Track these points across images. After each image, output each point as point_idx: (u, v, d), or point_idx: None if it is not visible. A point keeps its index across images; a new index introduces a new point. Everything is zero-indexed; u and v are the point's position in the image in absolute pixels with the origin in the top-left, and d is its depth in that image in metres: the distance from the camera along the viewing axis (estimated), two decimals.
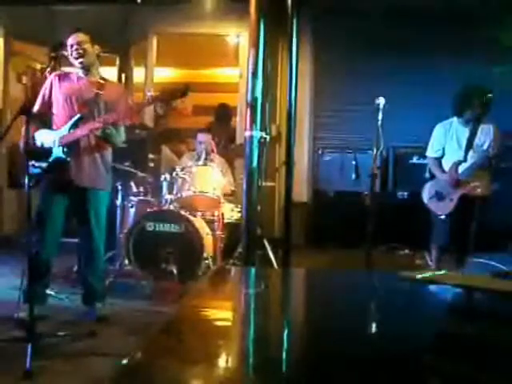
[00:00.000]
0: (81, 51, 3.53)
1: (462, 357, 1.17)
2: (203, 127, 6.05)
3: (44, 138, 3.49)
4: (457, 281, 1.75)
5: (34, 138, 3.45)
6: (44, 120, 3.57)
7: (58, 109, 3.58)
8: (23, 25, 6.30)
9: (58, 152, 3.45)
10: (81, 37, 3.56)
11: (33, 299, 2.84)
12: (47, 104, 3.60)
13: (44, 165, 3.44)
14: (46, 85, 3.62)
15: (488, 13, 5.87)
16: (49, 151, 3.46)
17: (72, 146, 3.45)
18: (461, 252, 4.25)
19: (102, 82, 3.66)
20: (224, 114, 6.71)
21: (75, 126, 3.45)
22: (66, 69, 3.76)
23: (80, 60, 3.55)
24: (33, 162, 3.38)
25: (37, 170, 3.42)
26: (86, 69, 3.62)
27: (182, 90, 3.41)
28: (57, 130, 3.52)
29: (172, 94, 3.43)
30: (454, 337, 1.31)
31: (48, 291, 3.63)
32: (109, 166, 3.68)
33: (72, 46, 3.54)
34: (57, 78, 3.60)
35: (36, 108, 3.56)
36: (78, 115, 3.47)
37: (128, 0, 6.31)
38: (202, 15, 6.26)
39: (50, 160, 3.45)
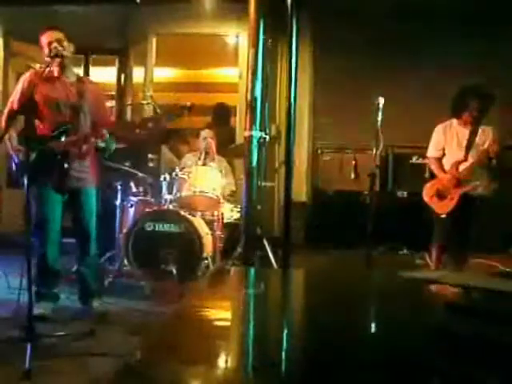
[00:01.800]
0: (61, 49, 3.38)
1: (462, 356, 1.17)
2: (202, 127, 6.04)
3: (34, 147, 3.33)
4: (457, 281, 1.75)
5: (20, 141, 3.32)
6: (30, 122, 3.44)
7: (43, 113, 3.44)
8: (23, 25, 6.30)
9: (48, 159, 3.37)
10: (59, 34, 3.42)
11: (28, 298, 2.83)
12: (28, 105, 3.38)
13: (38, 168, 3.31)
14: (24, 84, 3.43)
15: (489, 12, 5.87)
16: (43, 158, 3.34)
17: (62, 153, 3.40)
18: (461, 252, 4.26)
19: (81, 82, 3.55)
20: (222, 113, 6.70)
21: (64, 134, 3.39)
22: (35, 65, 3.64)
23: (60, 59, 3.39)
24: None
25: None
26: (63, 68, 3.48)
27: (187, 111, 3.46)
28: (42, 135, 3.41)
29: (176, 115, 3.47)
30: (453, 336, 1.31)
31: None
32: (95, 161, 3.63)
33: (51, 43, 3.38)
34: (35, 77, 3.41)
35: (15, 107, 3.38)
36: (66, 125, 3.40)
37: (128, 0, 6.30)
38: (202, 15, 6.26)
39: (46, 165, 3.37)
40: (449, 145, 4.31)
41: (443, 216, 4.23)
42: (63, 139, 3.39)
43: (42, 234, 3.46)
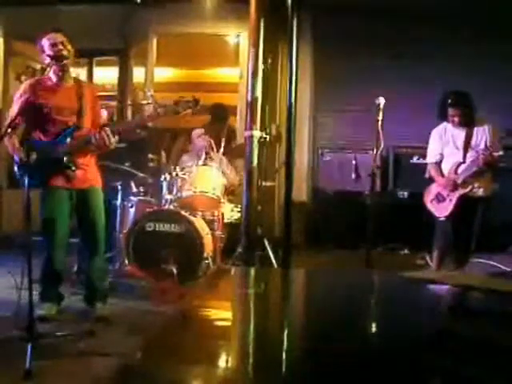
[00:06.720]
0: (65, 52, 3.31)
1: (462, 356, 1.17)
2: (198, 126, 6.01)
3: (37, 149, 3.25)
4: (457, 281, 1.75)
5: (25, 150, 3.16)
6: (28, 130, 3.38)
7: (45, 120, 3.36)
8: (23, 25, 6.30)
9: (57, 162, 3.34)
10: (63, 37, 3.33)
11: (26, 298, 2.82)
12: (26, 114, 3.29)
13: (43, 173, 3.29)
14: (22, 95, 3.33)
15: (490, 12, 5.88)
16: (46, 161, 3.29)
17: (69, 155, 3.36)
18: (462, 253, 4.25)
19: (79, 85, 3.49)
20: (219, 113, 6.67)
21: (69, 136, 3.36)
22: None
23: (64, 62, 3.32)
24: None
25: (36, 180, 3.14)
26: (65, 72, 3.40)
27: (192, 104, 3.35)
28: (45, 140, 3.37)
29: (182, 107, 3.37)
30: (453, 336, 1.31)
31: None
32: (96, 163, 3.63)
33: (55, 45, 3.29)
34: (32, 86, 3.35)
35: (15, 119, 3.13)
36: (72, 127, 3.37)
37: (128, 0, 6.31)
38: (202, 15, 6.26)
39: (50, 168, 3.35)
40: (446, 148, 4.30)
41: (443, 219, 4.22)
42: (68, 141, 3.35)
43: (49, 235, 3.43)
